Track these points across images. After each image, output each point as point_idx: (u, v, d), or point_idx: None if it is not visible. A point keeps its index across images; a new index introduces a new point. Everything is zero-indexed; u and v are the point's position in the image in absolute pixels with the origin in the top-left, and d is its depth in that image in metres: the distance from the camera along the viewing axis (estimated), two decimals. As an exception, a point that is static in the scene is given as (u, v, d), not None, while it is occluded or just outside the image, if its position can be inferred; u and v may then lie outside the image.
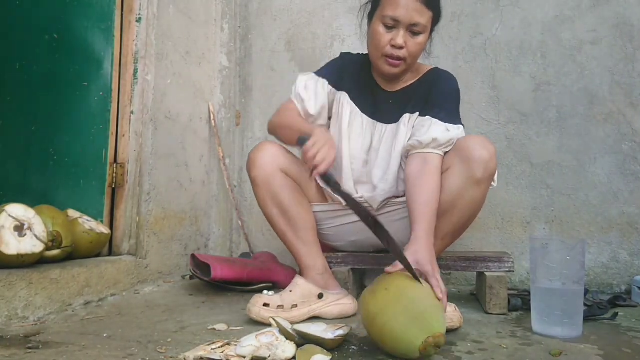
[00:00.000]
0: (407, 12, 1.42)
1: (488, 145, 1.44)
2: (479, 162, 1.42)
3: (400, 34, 1.44)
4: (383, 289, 1.12)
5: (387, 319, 1.07)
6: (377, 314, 1.08)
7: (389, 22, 1.44)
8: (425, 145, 1.47)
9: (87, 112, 1.94)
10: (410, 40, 1.46)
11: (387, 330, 1.07)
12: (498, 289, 1.58)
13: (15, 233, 1.41)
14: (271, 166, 1.55)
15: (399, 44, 1.45)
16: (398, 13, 1.42)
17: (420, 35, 1.46)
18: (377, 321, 1.08)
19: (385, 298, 1.10)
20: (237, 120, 2.53)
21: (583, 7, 2.11)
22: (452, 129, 1.49)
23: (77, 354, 1.12)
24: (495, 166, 1.45)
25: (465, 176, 1.43)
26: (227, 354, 1.07)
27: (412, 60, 1.50)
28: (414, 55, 1.49)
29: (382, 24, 1.45)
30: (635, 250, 2.00)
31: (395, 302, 1.08)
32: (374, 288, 1.15)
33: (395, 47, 1.46)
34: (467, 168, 1.43)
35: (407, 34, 1.45)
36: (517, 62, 2.16)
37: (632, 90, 2.04)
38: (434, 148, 1.47)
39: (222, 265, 1.85)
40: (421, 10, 1.43)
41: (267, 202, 1.57)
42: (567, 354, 1.15)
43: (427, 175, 1.42)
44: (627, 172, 2.03)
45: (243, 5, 2.55)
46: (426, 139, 1.47)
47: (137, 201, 1.95)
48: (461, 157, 1.45)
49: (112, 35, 1.95)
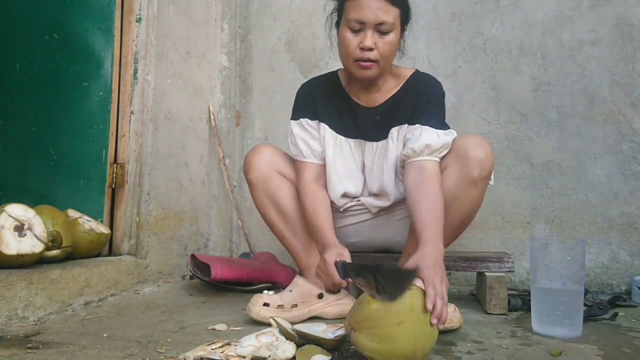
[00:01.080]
0: (371, 12, 1.37)
1: (484, 145, 1.43)
2: (475, 161, 1.41)
3: (367, 35, 1.39)
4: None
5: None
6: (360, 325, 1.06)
7: (354, 26, 1.39)
8: (419, 152, 1.43)
9: (87, 112, 1.94)
10: (380, 40, 1.40)
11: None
12: (498, 289, 1.58)
13: (15, 233, 1.41)
14: (268, 168, 1.55)
15: (367, 46, 1.39)
16: (362, 15, 1.38)
17: (389, 34, 1.40)
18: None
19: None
20: (237, 121, 2.53)
21: (583, 7, 2.11)
22: (443, 135, 1.46)
23: (77, 354, 1.12)
24: (492, 165, 1.44)
25: (461, 176, 1.42)
26: (227, 354, 1.07)
27: (384, 61, 1.44)
28: (385, 55, 1.43)
29: (349, 28, 1.41)
30: (635, 250, 2.00)
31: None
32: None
33: (364, 50, 1.40)
34: (464, 167, 1.42)
35: (375, 35, 1.39)
36: (517, 62, 2.16)
37: (632, 90, 2.04)
38: (428, 155, 1.43)
39: (222, 265, 1.85)
40: (386, 8, 1.38)
41: (265, 204, 1.57)
42: (567, 354, 1.15)
43: (427, 183, 1.39)
44: (627, 172, 2.03)
45: (243, 5, 2.55)
46: (419, 146, 1.43)
47: (137, 201, 1.95)
48: (457, 156, 1.43)
49: (112, 35, 1.95)
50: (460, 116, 2.20)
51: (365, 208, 1.61)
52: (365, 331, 1.04)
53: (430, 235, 1.26)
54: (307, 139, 1.57)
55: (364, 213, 1.63)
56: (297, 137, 1.57)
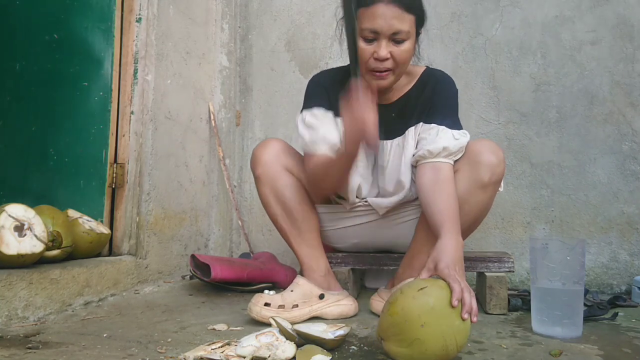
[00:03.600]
0: (385, 22, 1.31)
1: (497, 150, 1.41)
2: (487, 166, 1.40)
3: (382, 45, 1.33)
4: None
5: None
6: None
7: (368, 35, 1.33)
8: (435, 154, 1.41)
9: (87, 112, 1.94)
10: (395, 49, 1.35)
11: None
12: (498, 289, 1.58)
13: (15, 233, 1.41)
14: (276, 164, 1.51)
15: (382, 57, 1.34)
16: (376, 24, 1.31)
17: (404, 43, 1.35)
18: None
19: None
20: (237, 121, 2.53)
21: (583, 8, 2.11)
22: (460, 137, 1.44)
23: (77, 354, 1.12)
24: (503, 171, 1.42)
25: (472, 180, 1.41)
26: (227, 354, 1.07)
27: (400, 70, 1.40)
28: (402, 63, 1.38)
29: (362, 37, 1.34)
30: (635, 250, 2.01)
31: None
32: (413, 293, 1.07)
33: (379, 60, 1.35)
34: (475, 172, 1.41)
35: (390, 44, 1.34)
36: (517, 62, 2.16)
37: (632, 90, 2.05)
38: (444, 157, 1.41)
39: (222, 265, 1.85)
40: (400, 16, 1.31)
41: (271, 201, 1.54)
42: (567, 354, 1.15)
43: (443, 183, 1.37)
44: (626, 172, 2.03)
45: (243, 5, 2.55)
46: (436, 148, 1.40)
47: (137, 201, 1.95)
48: (469, 160, 1.42)
49: (112, 35, 1.95)
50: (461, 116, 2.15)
51: (372, 209, 1.60)
52: (392, 338, 1.04)
53: (451, 227, 1.25)
54: (320, 127, 1.45)
55: (370, 214, 1.61)
56: (308, 127, 1.47)
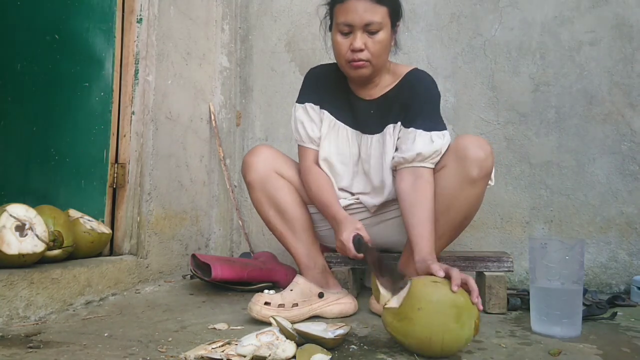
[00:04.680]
0: (357, 15, 1.40)
1: (484, 145, 1.43)
2: (475, 161, 1.41)
3: (357, 37, 1.42)
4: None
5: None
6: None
7: (344, 29, 1.43)
8: (410, 161, 1.46)
9: (88, 113, 1.95)
10: (369, 40, 1.43)
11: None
12: (497, 289, 1.59)
13: (17, 233, 1.42)
14: (266, 169, 1.56)
15: (357, 47, 1.42)
16: (349, 18, 1.41)
17: (378, 34, 1.43)
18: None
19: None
20: (238, 121, 2.54)
21: (582, 8, 2.11)
22: (437, 139, 1.46)
23: (78, 354, 1.13)
24: (492, 165, 1.44)
25: (460, 176, 1.42)
26: (227, 353, 1.07)
27: (377, 60, 1.46)
28: (377, 54, 1.45)
29: (339, 32, 1.45)
30: (634, 250, 2.01)
31: None
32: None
33: (355, 51, 1.43)
34: (463, 167, 1.42)
35: (364, 35, 1.42)
36: (516, 62, 2.17)
37: (631, 90, 2.05)
38: (420, 162, 1.45)
39: (222, 265, 1.85)
40: (372, 8, 1.41)
41: (264, 205, 1.58)
42: (566, 354, 1.16)
43: (420, 191, 1.42)
44: (625, 172, 2.04)
45: (243, 6, 2.56)
46: (410, 155, 1.45)
47: (138, 201, 1.96)
48: (456, 156, 1.44)
49: (113, 36, 1.95)
50: (460, 116, 2.21)
51: (364, 207, 1.62)
52: (391, 309, 1.13)
53: (429, 245, 1.34)
54: (307, 124, 1.59)
55: (363, 212, 1.63)
56: (298, 122, 1.60)
